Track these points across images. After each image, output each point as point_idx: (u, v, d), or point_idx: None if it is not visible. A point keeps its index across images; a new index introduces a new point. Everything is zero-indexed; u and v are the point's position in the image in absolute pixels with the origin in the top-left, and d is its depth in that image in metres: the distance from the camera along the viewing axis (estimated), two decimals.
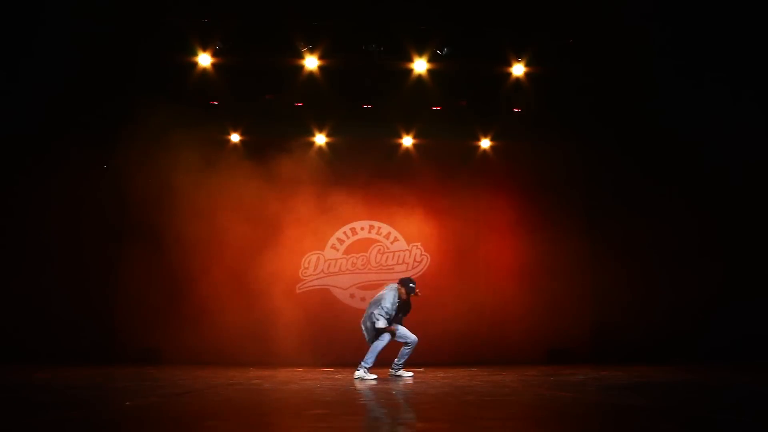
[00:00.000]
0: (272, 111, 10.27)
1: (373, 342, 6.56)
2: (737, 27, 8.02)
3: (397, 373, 6.65)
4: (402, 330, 6.65)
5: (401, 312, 6.74)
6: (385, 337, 6.55)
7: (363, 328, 6.69)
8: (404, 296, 6.66)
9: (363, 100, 10.22)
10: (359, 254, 10.85)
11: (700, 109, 8.86)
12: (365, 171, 10.68)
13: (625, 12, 7.84)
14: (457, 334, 10.11)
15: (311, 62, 9.00)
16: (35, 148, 8.96)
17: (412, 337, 6.64)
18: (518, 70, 9.24)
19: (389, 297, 6.57)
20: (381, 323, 6.46)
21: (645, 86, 9.21)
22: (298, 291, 10.64)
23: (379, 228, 11.00)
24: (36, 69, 8.21)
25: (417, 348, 6.72)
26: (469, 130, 10.80)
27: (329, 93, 9.50)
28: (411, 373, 6.70)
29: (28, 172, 9.19)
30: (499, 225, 10.95)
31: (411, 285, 6.67)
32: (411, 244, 10.86)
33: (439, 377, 6.35)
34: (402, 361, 6.69)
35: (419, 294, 6.72)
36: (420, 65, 9.09)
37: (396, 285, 6.73)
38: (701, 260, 9.52)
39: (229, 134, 10.70)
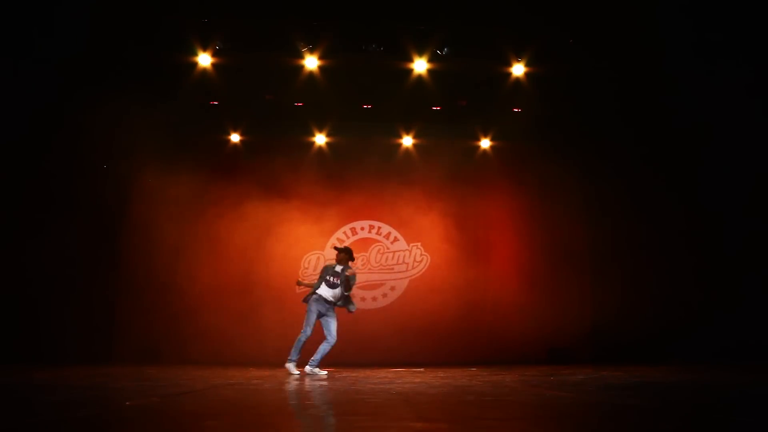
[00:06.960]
0: (272, 111, 10.29)
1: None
2: (737, 25, 8.00)
3: (313, 371, 6.60)
4: (333, 324, 6.70)
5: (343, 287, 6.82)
6: (308, 331, 6.64)
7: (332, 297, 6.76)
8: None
9: (363, 100, 10.23)
10: (359, 254, 10.84)
11: (705, 108, 8.84)
12: (365, 171, 10.70)
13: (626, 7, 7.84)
14: (457, 334, 10.11)
15: (311, 62, 9.00)
16: (30, 148, 8.94)
17: (335, 335, 6.69)
18: (518, 70, 9.25)
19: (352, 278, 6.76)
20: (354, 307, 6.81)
21: (645, 85, 9.21)
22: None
23: (379, 228, 11.00)
24: (31, 69, 8.18)
25: (417, 347, 6.71)
26: (469, 130, 10.81)
27: (329, 93, 9.50)
28: (326, 372, 6.68)
29: (28, 173, 9.19)
30: (498, 225, 10.97)
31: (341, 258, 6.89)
32: (411, 244, 10.87)
33: (439, 377, 6.34)
34: (319, 357, 6.66)
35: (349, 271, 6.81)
36: (420, 65, 9.10)
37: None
38: (703, 261, 9.52)
39: (229, 134, 10.70)
